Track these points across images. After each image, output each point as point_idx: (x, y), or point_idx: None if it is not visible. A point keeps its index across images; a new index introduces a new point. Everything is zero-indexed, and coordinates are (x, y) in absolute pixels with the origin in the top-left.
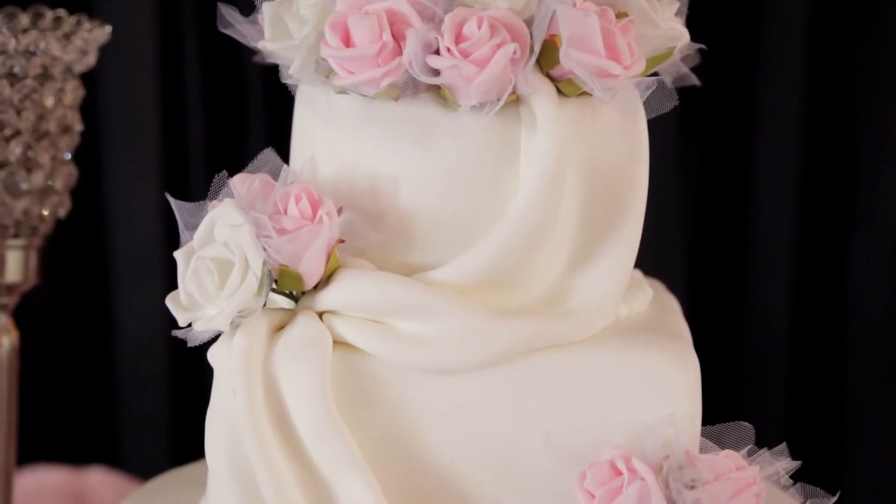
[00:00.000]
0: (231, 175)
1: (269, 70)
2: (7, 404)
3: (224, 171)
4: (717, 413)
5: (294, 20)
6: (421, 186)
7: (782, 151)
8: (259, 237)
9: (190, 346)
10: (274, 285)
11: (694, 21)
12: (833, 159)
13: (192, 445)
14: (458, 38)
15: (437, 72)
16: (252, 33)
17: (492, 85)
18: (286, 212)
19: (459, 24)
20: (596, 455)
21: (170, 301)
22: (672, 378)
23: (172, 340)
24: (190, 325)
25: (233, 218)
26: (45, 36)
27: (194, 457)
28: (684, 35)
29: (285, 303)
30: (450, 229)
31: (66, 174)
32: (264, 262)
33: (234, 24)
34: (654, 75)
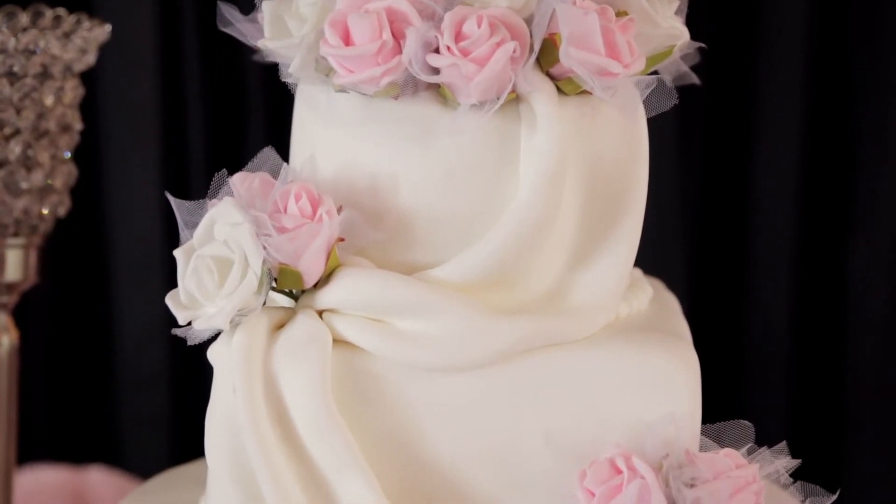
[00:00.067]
0: (231, 174)
1: (269, 69)
2: (7, 403)
3: (224, 170)
4: (716, 412)
5: (294, 19)
6: (421, 185)
7: (782, 150)
8: (259, 235)
9: (190, 344)
10: (274, 284)
11: (694, 20)
12: (833, 159)
13: (192, 444)
14: (458, 36)
15: (436, 70)
16: (252, 32)
17: (491, 83)
18: (286, 210)
19: (459, 23)
20: (596, 453)
21: (169, 299)
22: (672, 376)
23: (172, 339)
24: (190, 323)
25: (232, 216)
26: (45, 35)
27: (194, 455)
28: (684, 34)
29: (285, 301)
30: (450, 228)
31: (66, 173)
32: (264, 261)
33: (234, 22)
34: (654, 74)
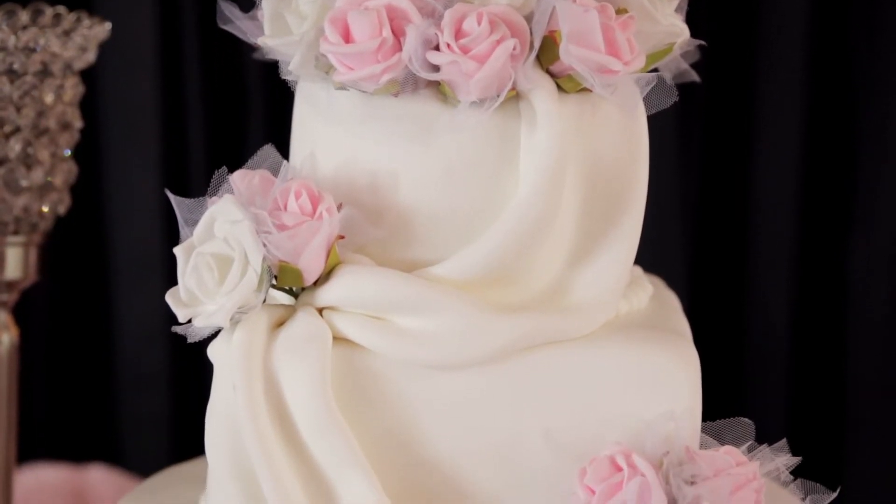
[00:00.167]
0: (231, 171)
1: (269, 67)
2: (7, 402)
3: (224, 168)
4: (717, 409)
5: (294, 16)
6: (421, 182)
7: (782, 149)
8: (259, 233)
9: (190, 342)
10: (274, 281)
11: (694, 17)
12: (833, 158)
13: (192, 442)
14: (458, 33)
15: (436, 68)
16: (252, 29)
17: (491, 81)
18: (286, 208)
19: (459, 20)
20: (596, 451)
21: (170, 297)
22: (672, 374)
23: (172, 337)
24: (190, 321)
25: (232, 214)
26: (45, 32)
27: (194, 454)
28: (684, 31)
29: (285, 299)
30: (449, 225)
31: (66, 171)
32: (264, 258)
33: (234, 20)
34: (654, 71)
